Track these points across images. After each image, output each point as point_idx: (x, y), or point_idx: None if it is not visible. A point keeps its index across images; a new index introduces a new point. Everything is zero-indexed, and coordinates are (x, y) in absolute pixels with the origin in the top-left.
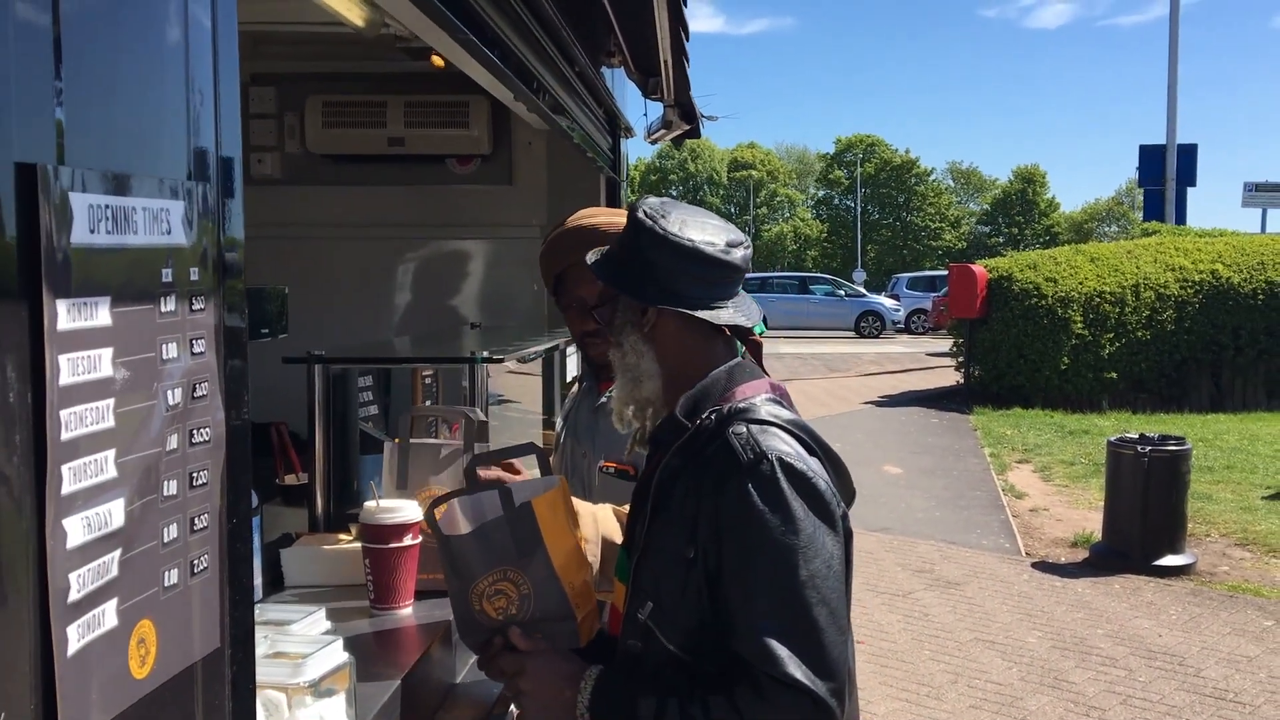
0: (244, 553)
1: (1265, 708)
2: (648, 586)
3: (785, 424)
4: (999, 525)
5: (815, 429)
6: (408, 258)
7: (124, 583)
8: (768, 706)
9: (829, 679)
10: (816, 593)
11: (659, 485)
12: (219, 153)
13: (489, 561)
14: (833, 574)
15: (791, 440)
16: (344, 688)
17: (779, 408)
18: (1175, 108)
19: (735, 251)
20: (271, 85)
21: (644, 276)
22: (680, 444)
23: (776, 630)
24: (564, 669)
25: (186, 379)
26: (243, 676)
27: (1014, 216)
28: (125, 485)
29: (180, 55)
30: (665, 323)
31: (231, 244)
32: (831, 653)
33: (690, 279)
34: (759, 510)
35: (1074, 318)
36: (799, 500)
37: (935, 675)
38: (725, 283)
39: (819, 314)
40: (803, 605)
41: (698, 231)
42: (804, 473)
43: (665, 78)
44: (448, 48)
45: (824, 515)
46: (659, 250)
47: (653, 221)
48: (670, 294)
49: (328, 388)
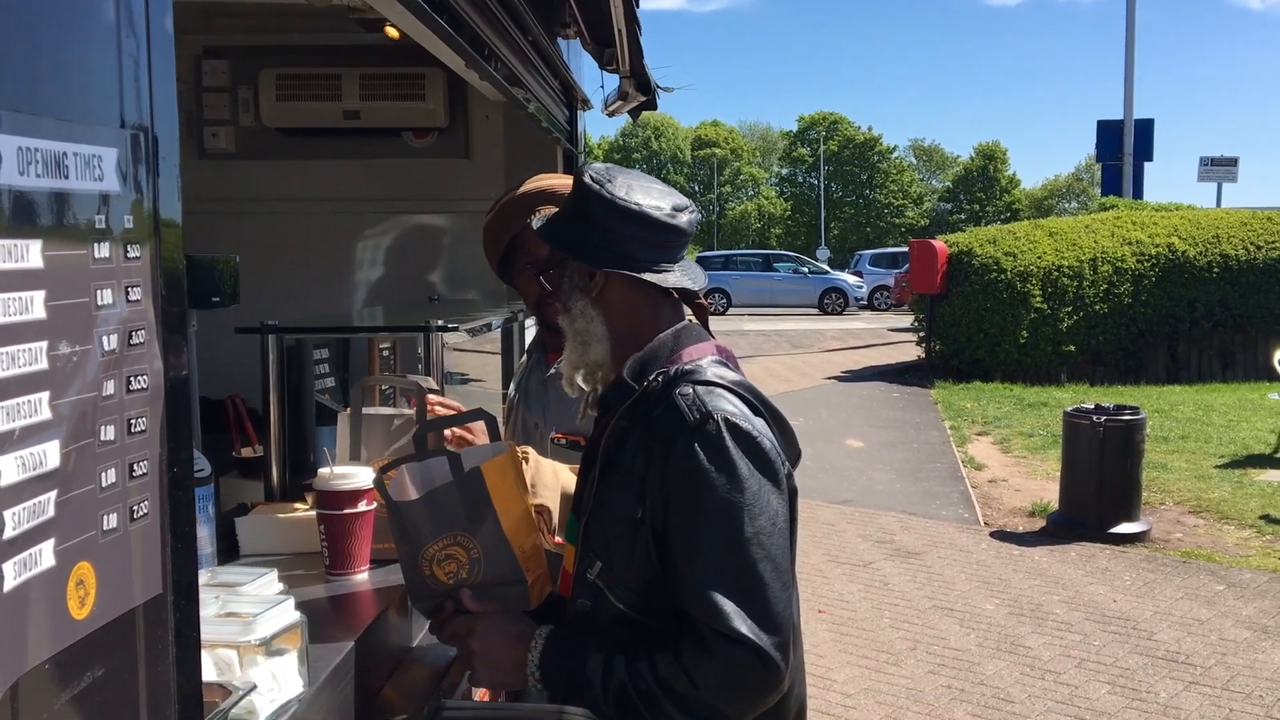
0: (186, 500)
1: (1216, 669)
2: (597, 547)
3: (730, 384)
4: (958, 496)
5: (760, 389)
6: (365, 232)
7: (61, 524)
8: (713, 661)
9: (773, 633)
10: (761, 549)
11: (606, 447)
12: (154, 100)
13: (438, 527)
14: (777, 530)
15: (737, 400)
16: (296, 647)
17: (725, 369)
18: (1132, 83)
19: (681, 215)
20: (224, 58)
21: (592, 240)
22: (627, 405)
23: (722, 586)
24: (514, 629)
25: (122, 325)
26: (186, 624)
27: (975, 193)
28: (60, 427)
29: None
30: (613, 286)
31: (167, 192)
32: (776, 607)
33: (637, 243)
34: (705, 469)
35: (1033, 292)
36: (744, 459)
37: (895, 642)
38: (671, 246)
39: (783, 291)
40: (748, 561)
41: (643, 196)
42: (749, 432)
43: (620, 48)
44: (398, 15)
45: (769, 473)
46: (606, 214)
47: (599, 186)
48: (618, 257)
49: (282, 359)
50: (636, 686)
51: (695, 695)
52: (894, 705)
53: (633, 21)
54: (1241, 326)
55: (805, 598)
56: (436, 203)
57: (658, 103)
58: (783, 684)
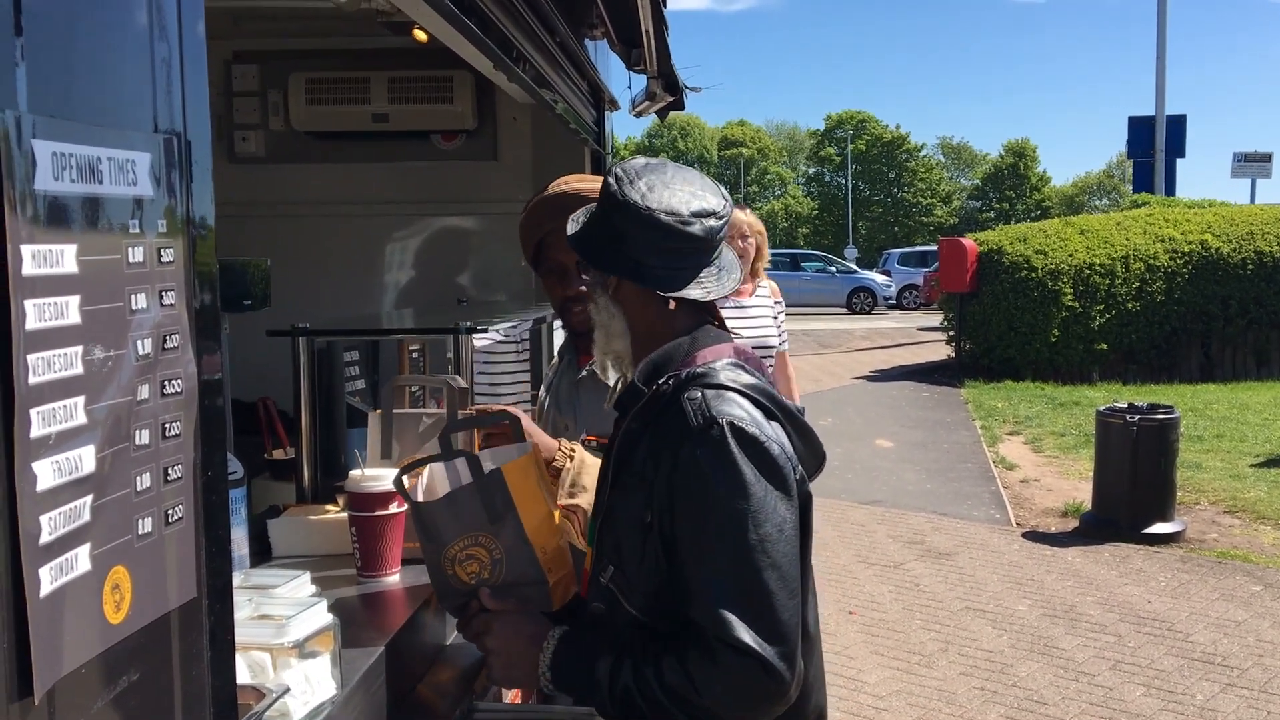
0: (220, 504)
1: (1253, 671)
2: (609, 551)
3: (743, 388)
4: (990, 496)
5: (777, 393)
6: (394, 235)
7: (96, 528)
8: (718, 670)
9: (779, 643)
10: (767, 557)
11: (619, 450)
12: (186, 105)
13: (459, 527)
14: (784, 538)
15: (747, 405)
16: (328, 649)
17: (740, 372)
18: (1164, 79)
19: (697, 224)
20: (254, 63)
21: (605, 243)
22: (637, 409)
23: (727, 595)
24: (528, 629)
25: (156, 330)
26: (220, 627)
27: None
28: (95, 432)
29: (144, 5)
30: (626, 288)
31: (200, 196)
32: (782, 616)
33: (648, 247)
34: (709, 475)
35: (1064, 290)
36: (750, 465)
37: (926, 644)
38: (688, 253)
39: (811, 291)
40: (753, 570)
41: (666, 198)
42: (755, 437)
43: (647, 48)
44: (426, 17)
45: (776, 480)
46: (621, 215)
47: (616, 185)
48: (628, 261)
49: (313, 361)
50: (642, 692)
51: (699, 703)
52: (926, 708)
53: (660, 22)
54: (1277, 324)
55: (835, 598)
56: (465, 205)
57: (685, 103)
58: (788, 694)
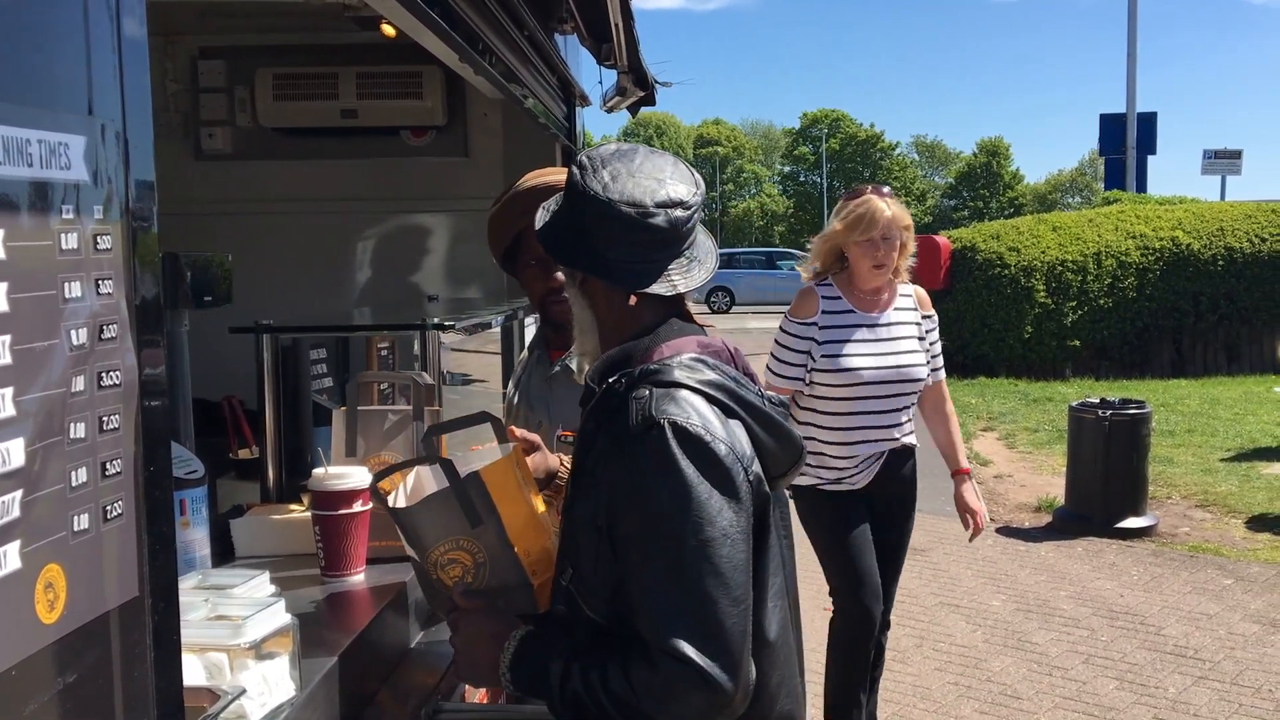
0: (163, 500)
1: (1225, 663)
2: (569, 553)
3: (699, 385)
4: None
5: (743, 389)
6: (364, 232)
7: (27, 524)
8: (659, 679)
9: (719, 653)
10: (709, 563)
11: (576, 450)
12: (124, 87)
13: (439, 533)
14: (729, 542)
15: (699, 403)
16: (287, 650)
17: (701, 368)
18: (1135, 76)
19: (661, 215)
20: (221, 59)
21: (570, 235)
22: (589, 408)
23: (667, 601)
24: (492, 629)
25: (93, 319)
26: (165, 627)
27: (979, 189)
28: (26, 424)
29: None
30: (592, 283)
31: (141, 182)
32: (725, 624)
33: (611, 240)
34: (648, 477)
35: (1037, 286)
36: (692, 466)
37: (901, 639)
38: (652, 245)
39: (787, 289)
40: (694, 576)
41: (627, 188)
42: (699, 437)
43: (617, 43)
44: (392, 11)
45: (721, 481)
46: (583, 205)
47: (580, 174)
48: (592, 255)
49: (277, 359)
50: (589, 695)
51: (641, 710)
52: (901, 703)
53: (628, 16)
54: (1247, 319)
55: (810, 595)
56: (435, 201)
57: (656, 98)
58: (732, 703)
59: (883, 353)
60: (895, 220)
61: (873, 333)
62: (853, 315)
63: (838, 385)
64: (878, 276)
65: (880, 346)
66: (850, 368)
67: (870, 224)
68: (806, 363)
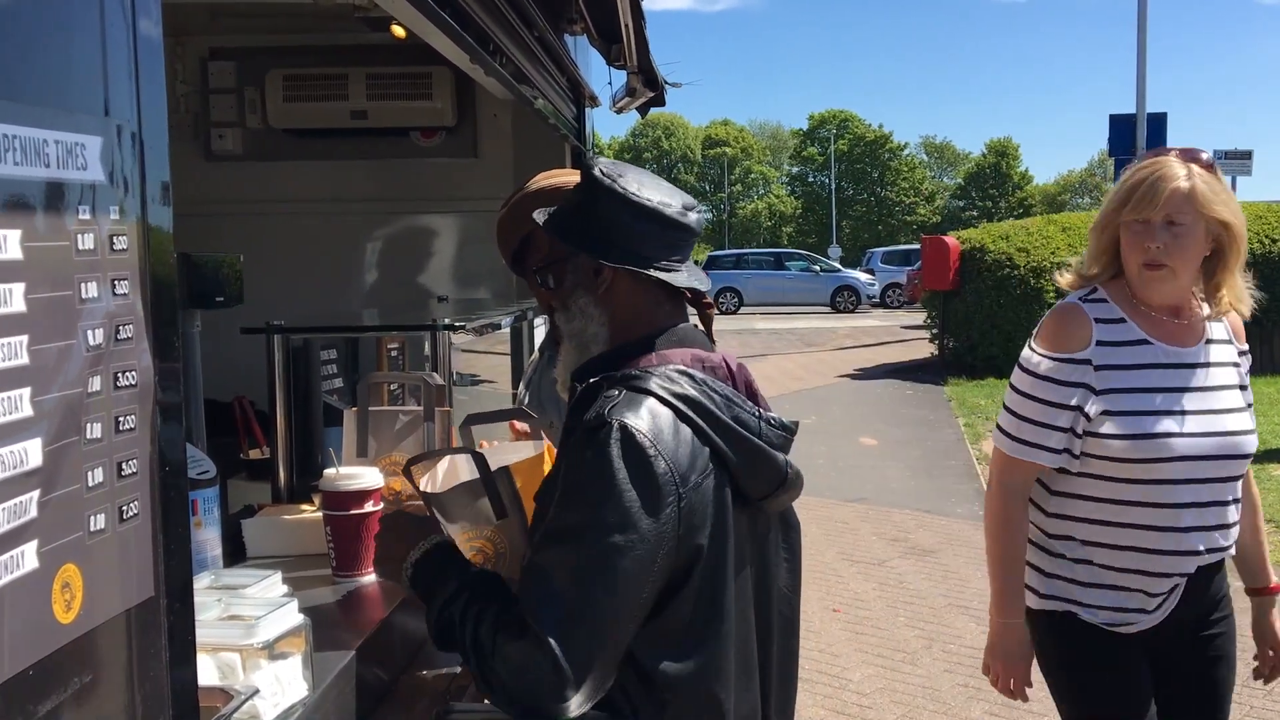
0: (179, 500)
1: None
2: (531, 535)
3: (669, 397)
4: (973, 493)
5: (726, 409)
6: (373, 233)
7: (44, 525)
8: (517, 650)
9: (578, 654)
10: (603, 568)
11: (559, 450)
12: (140, 88)
13: (465, 520)
14: (630, 555)
15: (663, 416)
16: (300, 650)
17: (679, 381)
18: (1144, 77)
19: (690, 214)
20: (231, 60)
21: (604, 235)
22: (571, 406)
23: (550, 588)
24: (415, 528)
25: (109, 320)
26: (180, 627)
27: (988, 190)
28: (43, 424)
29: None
30: (620, 283)
31: (156, 182)
32: (594, 628)
33: (648, 240)
34: (581, 469)
35: (1046, 287)
36: (624, 472)
37: (910, 640)
38: (681, 245)
39: (794, 290)
40: (584, 575)
41: (654, 192)
42: (641, 447)
43: (627, 43)
44: (403, 11)
45: (648, 496)
46: (619, 209)
47: (612, 180)
48: (628, 254)
49: (288, 359)
50: (461, 625)
51: (488, 664)
52: (910, 704)
53: (639, 16)
54: (1258, 320)
55: (820, 596)
56: (445, 202)
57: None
58: (567, 702)
59: (1201, 409)
60: (1195, 199)
61: (1182, 377)
62: (1148, 349)
63: (1130, 461)
64: (1156, 284)
65: (1197, 400)
66: (1154, 433)
67: (1149, 198)
68: (1074, 424)
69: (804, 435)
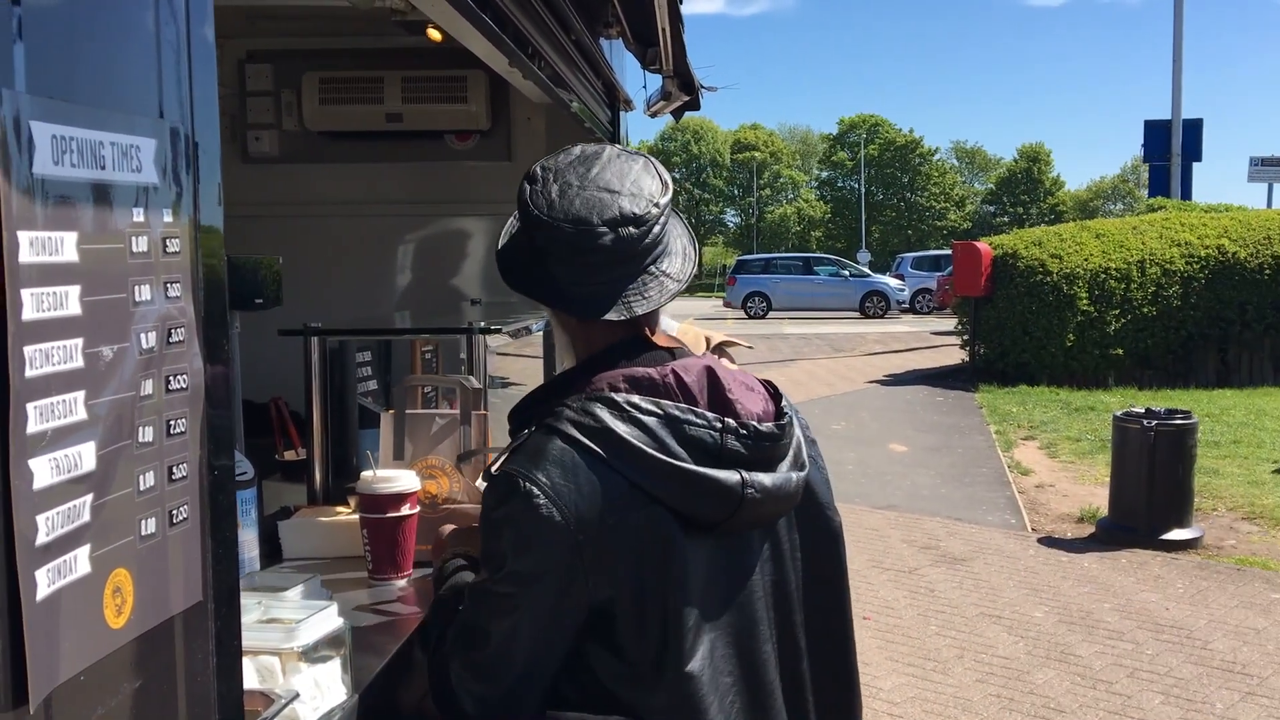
0: (227, 505)
1: (1273, 679)
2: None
3: (581, 434)
4: (1005, 501)
5: (650, 437)
6: (407, 235)
7: (97, 529)
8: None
9: (479, 687)
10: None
11: None
12: (194, 91)
13: None
14: (528, 595)
15: (568, 457)
16: (339, 653)
17: (603, 412)
18: (1180, 82)
19: (608, 234)
20: (268, 62)
21: (523, 256)
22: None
23: (461, 621)
24: (462, 537)
25: (161, 323)
26: (227, 632)
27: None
28: (96, 428)
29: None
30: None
31: (208, 186)
32: (490, 664)
33: (560, 260)
34: (485, 520)
35: (1079, 294)
36: (513, 527)
37: (942, 650)
38: (604, 265)
39: (823, 295)
40: (485, 612)
41: (574, 204)
42: (530, 499)
43: (663, 47)
44: (441, 13)
45: (539, 546)
46: (531, 226)
47: (529, 188)
48: (545, 279)
49: (325, 361)
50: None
51: (429, 674)
52: (942, 714)
53: (677, 20)
54: None
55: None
56: (479, 205)
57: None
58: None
59: None
60: None
61: None
62: None
63: None
64: None
65: None
66: None
67: None
68: None
69: (833, 441)
